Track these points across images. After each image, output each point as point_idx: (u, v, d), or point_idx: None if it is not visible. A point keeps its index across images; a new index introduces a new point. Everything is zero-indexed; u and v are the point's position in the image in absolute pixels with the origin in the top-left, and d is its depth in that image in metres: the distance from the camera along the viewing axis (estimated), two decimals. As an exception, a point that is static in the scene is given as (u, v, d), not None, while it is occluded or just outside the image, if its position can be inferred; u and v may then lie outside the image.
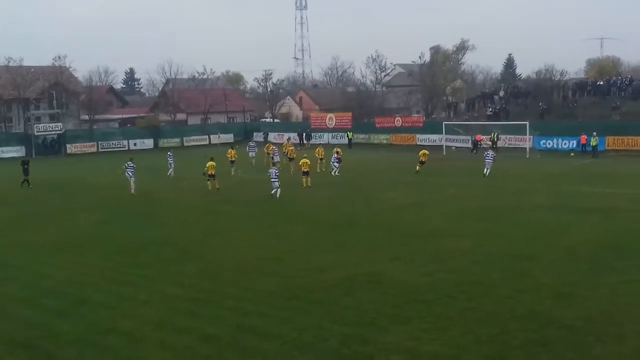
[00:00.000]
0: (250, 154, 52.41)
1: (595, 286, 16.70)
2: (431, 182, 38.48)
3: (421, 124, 71.42)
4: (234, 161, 45.60)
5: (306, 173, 37.12)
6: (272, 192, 33.68)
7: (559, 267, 18.61)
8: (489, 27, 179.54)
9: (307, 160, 37.53)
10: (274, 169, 34.83)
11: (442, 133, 61.77)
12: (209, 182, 37.24)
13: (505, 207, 28.88)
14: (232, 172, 44.04)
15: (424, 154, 43.54)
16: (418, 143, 66.62)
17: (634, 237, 22.08)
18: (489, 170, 39.36)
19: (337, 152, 44.50)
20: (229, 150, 46.82)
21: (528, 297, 15.97)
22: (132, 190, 36.14)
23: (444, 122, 64.71)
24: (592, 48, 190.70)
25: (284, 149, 50.63)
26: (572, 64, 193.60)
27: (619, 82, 68.77)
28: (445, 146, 60.41)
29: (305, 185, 36.58)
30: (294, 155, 46.50)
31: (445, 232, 23.95)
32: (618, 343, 12.97)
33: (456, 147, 60.31)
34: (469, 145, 59.41)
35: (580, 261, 19.24)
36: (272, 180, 33.75)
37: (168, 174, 45.10)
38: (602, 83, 69.45)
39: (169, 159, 46.39)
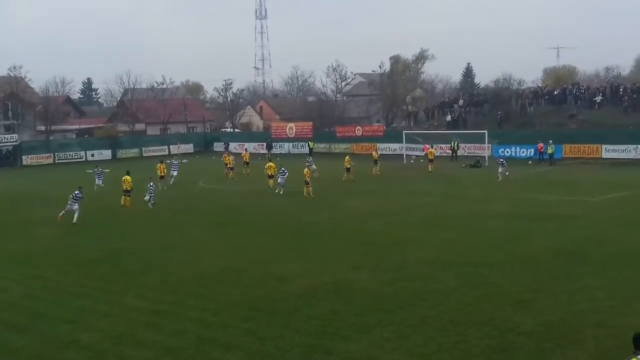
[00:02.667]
0: (172, 172, 45.07)
1: (554, 293, 16.93)
2: (392, 191, 38.68)
3: (382, 133, 71.81)
4: (163, 176, 43.02)
5: (307, 182, 37.05)
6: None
7: (519, 274, 18.83)
8: (448, 37, 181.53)
9: (308, 170, 37.66)
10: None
11: (403, 142, 62.20)
12: (123, 197, 35.25)
13: (465, 216, 29.15)
14: (160, 188, 40.75)
15: (348, 161, 44.84)
16: (379, 152, 66.90)
17: (590, 244, 22.47)
18: (500, 177, 41.42)
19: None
20: (158, 165, 44.01)
21: (488, 304, 16.13)
22: (75, 220, 30.70)
23: (404, 131, 65.12)
24: (549, 57, 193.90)
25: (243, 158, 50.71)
26: (529, 72, 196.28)
27: (574, 90, 70.00)
28: (406, 155, 60.82)
29: (307, 194, 36.56)
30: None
31: (407, 240, 24.08)
32: (577, 349, 13.16)
33: (416, 156, 60.73)
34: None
35: (539, 268, 19.49)
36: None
37: (94, 189, 41.44)
38: (557, 92, 70.64)
39: (96, 173, 43.15)
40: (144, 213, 33.02)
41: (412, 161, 58.96)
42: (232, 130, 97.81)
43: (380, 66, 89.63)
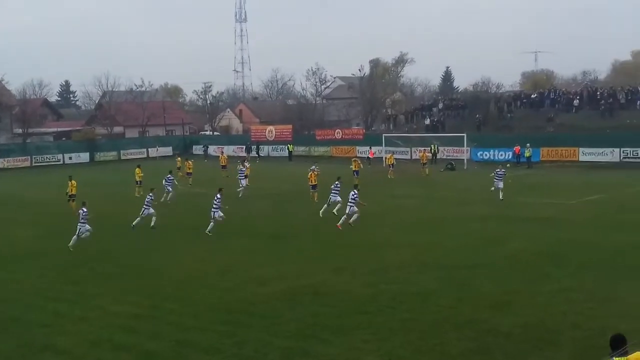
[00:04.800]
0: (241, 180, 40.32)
1: (533, 294, 17.01)
2: (372, 193, 38.60)
3: (361, 136, 72.03)
4: (141, 181, 40.57)
5: (314, 187, 36.10)
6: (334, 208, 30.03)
7: (498, 277, 18.90)
8: (428, 41, 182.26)
9: (313, 174, 36.53)
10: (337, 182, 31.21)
11: (382, 145, 62.33)
12: (70, 202, 33.81)
13: (444, 218, 29.25)
14: (136, 194, 38.90)
15: (356, 163, 44.68)
16: (358, 155, 67.01)
17: (568, 246, 22.65)
18: (501, 192, 34.53)
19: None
20: (136, 169, 41.46)
21: (467, 306, 16.16)
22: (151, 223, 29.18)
23: (383, 134, 65.40)
24: (527, 61, 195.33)
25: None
26: (507, 76, 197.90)
27: (552, 94, 70.68)
28: (385, 158, 60.85)
29: (314, 199, 35.35)
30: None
31: (387, 243, 24.10)
32: (554, 350, 13.21)
33: (396, 160, 60.76)
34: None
35: (518, 270, 19.58)
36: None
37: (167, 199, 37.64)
38: (535, 96, 71.33)
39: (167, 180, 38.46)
40: (119, 217, 32.67)
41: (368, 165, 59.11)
42: (211, 133, 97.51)
43: (360, 69, 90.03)
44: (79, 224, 25.16)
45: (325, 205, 30.83)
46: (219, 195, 27.88)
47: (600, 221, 27.50)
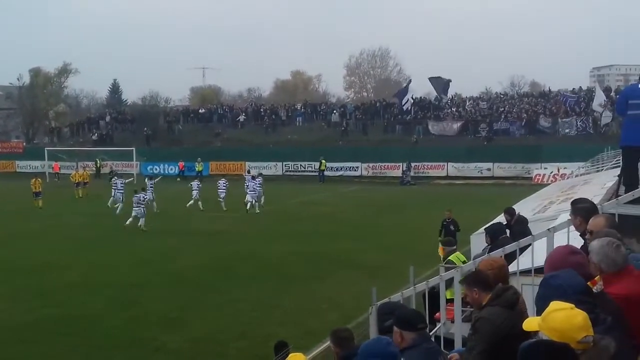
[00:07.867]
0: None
1: (202, 308, 17.16)
2: (30, 211, 36.25)
3: (21, 150, 67.94)
4: None
5: None
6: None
7: (168, 293, 18.72)
8: (93, 52, 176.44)
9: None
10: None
11: (45, 159, 59.26)
12: None
13: (113, 235, 28.41)
14: None
15: (39, 183, 40.60)
16: (18, 170, 63.11)
17: (236, 258, 23.34)
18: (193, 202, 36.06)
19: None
20: None
21: (136, 325, 15.77)
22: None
23: (46, 148, 62.36)
24: (195, 77, 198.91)
25: None
26: (176, 91, 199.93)
27: (219, 110, 73.28)
28: (49, 173, 57.90)
29: None
30: None
31: (50, 265, 22.59)
32: (222, 362, 13.43)
33: (60, 175, 58.09)
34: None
35: (188, 285, 19.59)
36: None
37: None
38: (204, 111, 73.29)
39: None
40: None
41: (56, 179, 56.21)
42: None
43: (18, 78, 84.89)
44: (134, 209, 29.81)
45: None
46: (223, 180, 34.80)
47: (265, 232, 28.86)
